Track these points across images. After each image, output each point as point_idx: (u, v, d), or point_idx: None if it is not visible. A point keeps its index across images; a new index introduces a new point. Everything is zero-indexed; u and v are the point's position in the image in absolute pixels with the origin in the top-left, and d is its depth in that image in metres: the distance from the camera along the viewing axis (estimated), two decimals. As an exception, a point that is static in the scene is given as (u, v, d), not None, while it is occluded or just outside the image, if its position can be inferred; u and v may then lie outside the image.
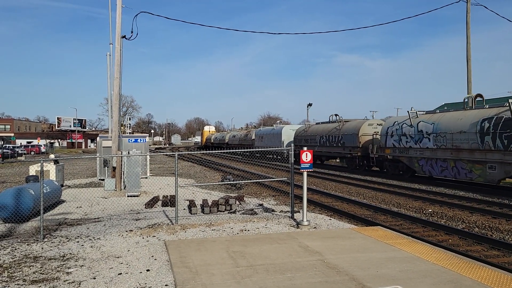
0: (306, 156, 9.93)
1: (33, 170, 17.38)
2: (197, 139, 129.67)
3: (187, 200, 13.92)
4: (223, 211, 12.20)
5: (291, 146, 11.12)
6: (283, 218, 10.94)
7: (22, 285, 5.98)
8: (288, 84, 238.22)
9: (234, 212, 12.08)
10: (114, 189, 17.05)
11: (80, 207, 13.32)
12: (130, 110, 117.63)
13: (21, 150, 59.04)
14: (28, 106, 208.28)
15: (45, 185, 11.97)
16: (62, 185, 18.59)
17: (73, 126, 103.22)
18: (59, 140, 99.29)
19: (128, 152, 17.08)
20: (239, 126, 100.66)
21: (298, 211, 11.79)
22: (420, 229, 11.00)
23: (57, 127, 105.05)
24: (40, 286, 5.93)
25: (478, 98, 21.30)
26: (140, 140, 23.64)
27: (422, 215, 12.98)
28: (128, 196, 15.65)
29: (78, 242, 8.56)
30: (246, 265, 6.63)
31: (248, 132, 58.27)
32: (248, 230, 9.51)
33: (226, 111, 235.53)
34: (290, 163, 10.99)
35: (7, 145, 59.97)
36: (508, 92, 43.66)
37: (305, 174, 10.09)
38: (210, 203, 12.78)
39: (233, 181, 19.60)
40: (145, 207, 13.13)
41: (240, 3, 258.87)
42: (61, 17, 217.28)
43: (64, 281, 6.11)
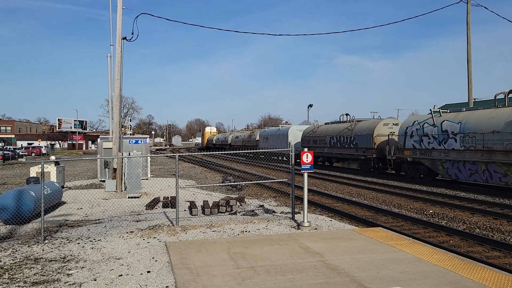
0: (307, 157, 9.97)
1: (34, 172, 17.39)
2: (198, 140, 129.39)
3: (188, 201, 13.91)
4: (224, 212, 12.19)
5: (292, 148, 11.13)
6: (284, 219, 10.94)
7: (23, 287, 5.98)
8: (289, 85, 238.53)
9: (235, 213, 12.08)
10: (115, 191, 17.05)
11: (81, 209, 13.32)
12: (131, 111, 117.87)
13: (22, 152, 59.20)
14: (29, 108, 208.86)
15: (46, 187, 11.98)
16: (63, 187, 18.60)
17: (74, 128, 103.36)
18: (60, 142, 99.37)
19: (129, 154, 17.09)
20: (240, 127, 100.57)
21: (299, 212, 11.78)
22: (421, 230, 10.97)
23: (58, 129, 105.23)
24: (41, 288, 5.93)
25: (511, 95, 18.59)
26: (141, 142, 23.63)
27: (423, 216, 12.96)
28: (129, 198, 15.65)
29: (79, 244, 8.56)
30: (247, 267, 6.62)
31: (252, 133, 56.80)
32: (249, 231, 9.50)
33: (227, 112, 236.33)
34: (291, 164, 11.00)
35: (8, 147, 59.97)
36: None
37: (306, 175, 10.11)
38: (211, 204, 12.77)
39: (234, 182, 19.60)
40: (146, 209, 13.12)
41: (241, 4, 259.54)
42: (62, 19, 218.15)
43: (65, 283, 6.11)
